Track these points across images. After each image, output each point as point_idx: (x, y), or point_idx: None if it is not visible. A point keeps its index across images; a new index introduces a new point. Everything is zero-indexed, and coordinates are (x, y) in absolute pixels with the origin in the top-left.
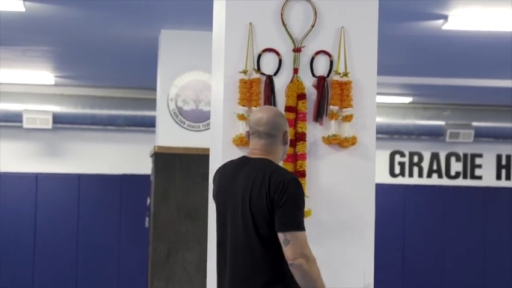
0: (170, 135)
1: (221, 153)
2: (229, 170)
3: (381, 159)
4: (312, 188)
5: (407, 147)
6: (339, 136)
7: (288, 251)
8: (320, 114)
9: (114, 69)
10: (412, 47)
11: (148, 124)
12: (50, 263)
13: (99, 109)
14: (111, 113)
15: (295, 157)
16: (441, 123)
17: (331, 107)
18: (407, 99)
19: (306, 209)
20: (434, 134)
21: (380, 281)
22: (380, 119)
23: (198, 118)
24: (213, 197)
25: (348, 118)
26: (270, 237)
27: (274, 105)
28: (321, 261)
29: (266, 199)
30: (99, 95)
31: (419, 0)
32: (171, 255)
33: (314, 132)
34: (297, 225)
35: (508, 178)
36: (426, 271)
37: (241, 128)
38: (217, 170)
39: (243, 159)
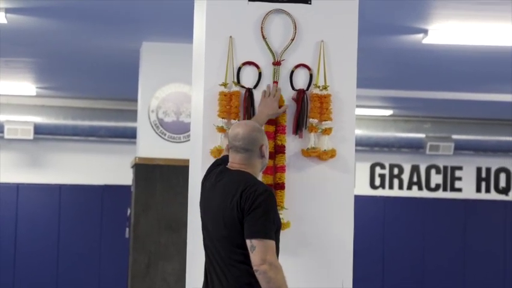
0: (151, 146)
1: (200, 164)
2: (212, 179)
3: (362, 171)
4: (291, 200)
5: (387, 159)
6: (319, 149)
7: (253, 257)
8: (299, 127)
9: (96, 81)
10: (393, 60)
11: (129, 135)
12: (31, 273)
13: (80, 120)
14: (92, 124)
15: (275, 169)
16: (422, 135)
17: (310, 119)
18: (388, 112)
19: (285, 220)
20: (415, 147)
21: None
22: (361, 132)
23: (179, 130)
24: (199, 202)
25: (327, 131)
26: (244, 247)
27: None
28: (300, 272)
29: (237, 209)
30: (80, 106)
31: (400, 15)
32: (151, 266)
33: (293, 144)
34: (264, 233)
35: (487, 191)
36: (406, 283)
37: (220, 140)
38: (204, 176)
39: (224, 170)
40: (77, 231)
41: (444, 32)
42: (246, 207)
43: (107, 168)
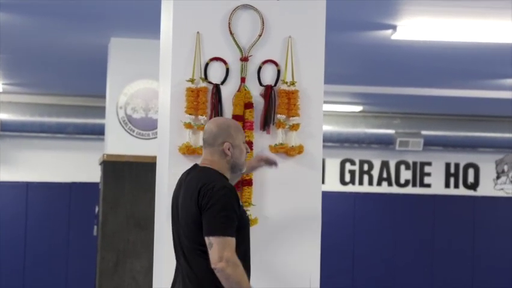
0: (120, 143)
1: (168, 161)
2: (183, 176)
3: (332, 167)
4: (259, 197)
5: (357, 155)
6: (286, 145)
7: (211, 255)
8: (267, 123)
9: (63, 77)
10: (362, 56)
11: (98, 132)
12: None
13: (48, 117)
14: (60, 121)
15: None
16: (391, 131)
17: (278, 115)
18: (358, 108)
19: (252, 217)
20: (384, 143)
21: None
22: (331, 128)
23: (147, 126)
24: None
25: (295, 127)
26: (203, 244)
27: (221, 114)
28: (267, 268)
29: (196, 206)
30: (48, 102)
31: (368, 11)
32: (119, 264)
33: (261, 141)
34: (221, 230)
35: (456, 186)
36: (376, 278)
37: (188, 137)
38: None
39: (193, 167)
40: (45, 229)
41: (413, 27)
42: (203, 204)
43: (75, 165)
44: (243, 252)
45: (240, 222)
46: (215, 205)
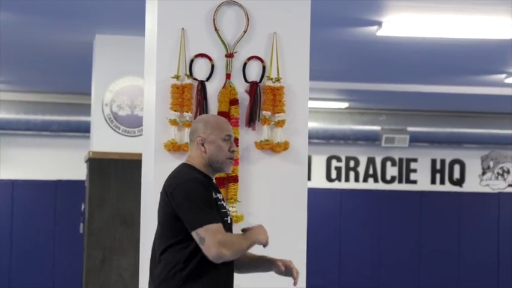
0: (105, 140)
1: (153, 158)
2: None
3: (318, 164)
4: (245, 193)
5: (343, 152)
6: (272, 141)
7: (205, 251)
8: (252, 119)
9: (48, 74)
10: (347, 52)
11: (83, 129)
12: None
13: (33, 114)
14: (45, 119)
15: None
16: (377, 128)
17: (263, 112)
18: (343, 105)
19: (238, 213)
20: (370, 139)
21: (317, 285)
22: (317, 124)
23: (133, 123)
24: None
25: (280, 123)
26: (173, 244)
27: (206, 110)
28: None
29: (166, 204)
30: (33, 100)
31: (353, 7)
32: (106, 262)
33: (247, 137)
34: (199, 221)
35: (442, 182)
36: (362, 275)
37: (173, 133)
38: None
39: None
40: (31, 227)
41: (399, 24)
42: (175, 204)
43: (60, 163)
44: None
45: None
46: (186, 200)
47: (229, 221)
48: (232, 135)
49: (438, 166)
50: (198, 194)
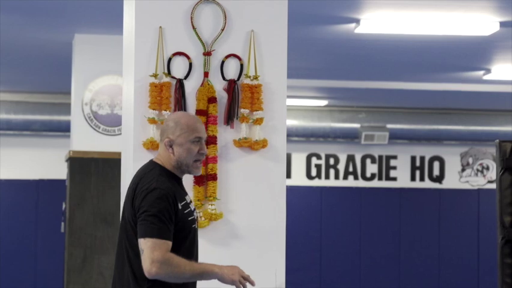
0: (86, 139)
1: (132, 156)
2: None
3: (298, 161)
4: (224, 191)
5: (323, 149)
6: (250, 139)
7: (143, 262)
8: (230, 117)
9: (28, 74)
10: (326, 50)
11: (64, 129)
12: None
13: (14, 114)
14: (26, 118)
15: (206, 160)
16: (357, 125)
17: (242, 110)
18: (323, 102)
19: (217, 211)
20: (350, 137)
21: (297, 282)
22: (296, 122)
23: (113, 122)
24: None
25: (258, 121)
26: (136, 245)
27: (185, 109)
28: (232, 263)
29: (132, 206)
30: (14, 99)
31: (331, 4)
32: (87, 260)
33: (225, 135)
34: (147, 232)
35: (421, 179)
36: (343, 271)
37: (152, 132)
38: None
39: (147, 163)
40: (12, 226)
41: (377, 21)
42: (137, 205)
43: (41, 162)
44: (187, 256)
45: (179, 225)
46: (146, 208)
47: (196, 227)
48: (203, 137)
49: (418, 163)
50: (163, 206)
